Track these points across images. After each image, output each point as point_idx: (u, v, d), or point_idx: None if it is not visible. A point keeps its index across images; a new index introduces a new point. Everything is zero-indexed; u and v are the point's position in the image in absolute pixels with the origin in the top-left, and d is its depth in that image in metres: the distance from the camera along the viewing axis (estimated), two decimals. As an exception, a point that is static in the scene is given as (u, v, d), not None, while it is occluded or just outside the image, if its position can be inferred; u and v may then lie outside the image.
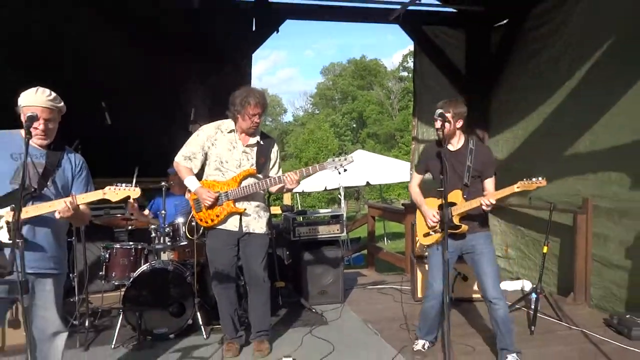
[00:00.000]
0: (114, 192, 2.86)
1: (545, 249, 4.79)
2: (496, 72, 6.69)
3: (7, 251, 2.18)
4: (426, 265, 5.37)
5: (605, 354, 3.95)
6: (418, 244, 4.77)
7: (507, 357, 3.68)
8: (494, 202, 3.53)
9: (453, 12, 6.93)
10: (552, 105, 5.75)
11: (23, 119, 2.73)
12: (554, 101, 5.72)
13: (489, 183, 3.77)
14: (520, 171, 6.07)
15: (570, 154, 5.47)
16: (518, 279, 6.19)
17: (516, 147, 6.41)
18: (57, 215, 2.74)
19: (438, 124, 3.62)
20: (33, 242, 2.73)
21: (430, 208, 3.85)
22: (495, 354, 3.87)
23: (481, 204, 3.57)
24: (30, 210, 2.69)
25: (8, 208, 2.66)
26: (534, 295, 4.66)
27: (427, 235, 3.90)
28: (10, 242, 2.15)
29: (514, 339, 3.75)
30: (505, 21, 6.64)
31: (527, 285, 5.80)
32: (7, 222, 2.65)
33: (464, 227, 3.70)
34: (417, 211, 4.02)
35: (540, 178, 3.50)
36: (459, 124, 3.71)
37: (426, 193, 4.00)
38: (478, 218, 3.76)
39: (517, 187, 3.56)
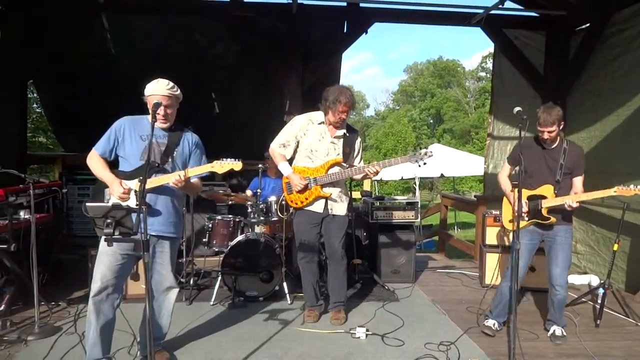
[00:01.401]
0: (220, 166, 3.00)
1: (615, 247, 4.47)
2: (574, 74, 6.28)
3: (134, 216, 2.36)
4: (495, 254, 5.23)
5: (673, 353, 3.65)
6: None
7: (552, 326, 3.86)
8: (576, 205, 3.53)
9: (534, 16, 6.55)
10: (631, 107, 5.35)
11: (149, 106, 2.94)
12: (633, 104, 5.31)
13: (578, 181, 3.74)
14: (596, 170, 5.72)
15: (647, 155, 5.07)
16: (585, 273, 5.84)
17: (592, 146, 6.00)
18: (171, 185, 2.93)
19: (554, 127, 3.56)
20: (155, 209, 2.96)
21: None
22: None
23: (565, 203, 3.55)
24: (153, 182, 2.91)
25: (136, 180, 2.91)
26: (601, 290, 4.37)
27: (512, 221, 3.81)
28: (137, 207, 2.33)
29: (563, 317, 3.90)
30: (585, 25, 6.20)
31: (595, 281, 5.45)
32: (135, 191, 2.89)
33: (553, 219, 3.67)
34: (504, 199, 3.99)
35: (639, 186, 3.42)
36: (562, 126, 3.64)
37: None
38: (564, 211, 3.68)
39: (615, 192, 3.50)
